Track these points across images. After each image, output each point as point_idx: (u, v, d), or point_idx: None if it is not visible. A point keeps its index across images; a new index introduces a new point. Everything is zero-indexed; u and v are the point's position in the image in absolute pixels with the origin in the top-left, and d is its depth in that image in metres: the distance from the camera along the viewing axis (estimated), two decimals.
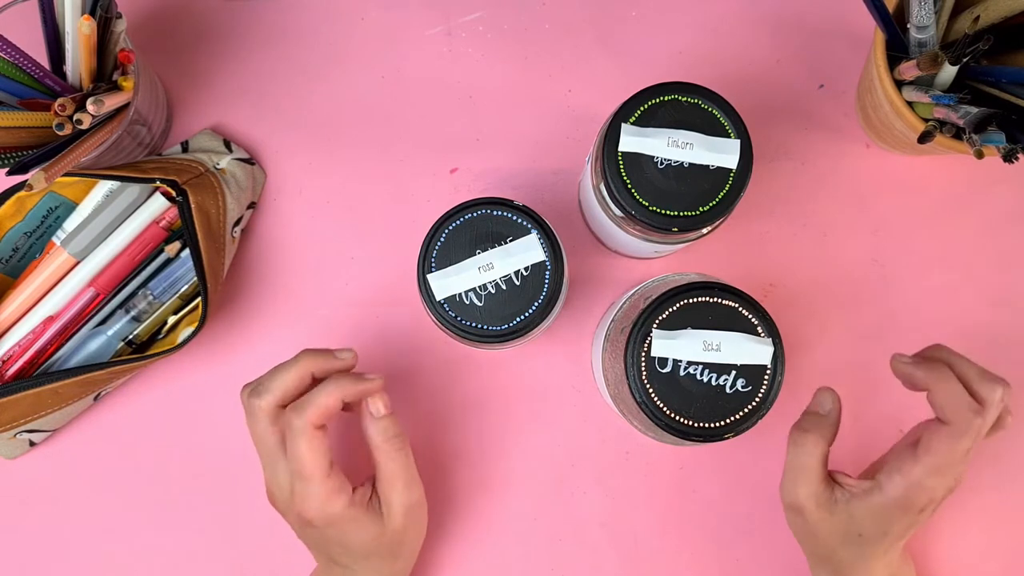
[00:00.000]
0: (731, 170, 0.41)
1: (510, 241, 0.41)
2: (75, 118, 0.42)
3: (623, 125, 0.41)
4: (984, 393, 0.41)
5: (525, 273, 0.41)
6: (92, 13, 0.43)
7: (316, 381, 0.44)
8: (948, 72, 0.42)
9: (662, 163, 0.41)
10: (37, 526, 0.52)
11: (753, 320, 0.40)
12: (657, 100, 0.41)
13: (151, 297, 0.49)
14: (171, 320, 0.50)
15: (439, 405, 0.52)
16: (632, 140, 0.40)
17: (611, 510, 0.51)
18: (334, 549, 0.44)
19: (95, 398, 0.50)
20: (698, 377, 0.40)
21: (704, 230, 0.42)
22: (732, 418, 0.40)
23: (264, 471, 0.44)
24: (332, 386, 0.41)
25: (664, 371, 0.40)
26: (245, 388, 0.44)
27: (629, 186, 0.41)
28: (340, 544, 0.43)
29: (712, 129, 0.41)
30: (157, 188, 0.49)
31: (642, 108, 0.41)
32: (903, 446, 0.45)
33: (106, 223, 0.48)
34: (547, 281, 0.41)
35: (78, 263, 0.49)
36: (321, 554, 0.46)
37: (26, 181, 0.41)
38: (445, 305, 0.41)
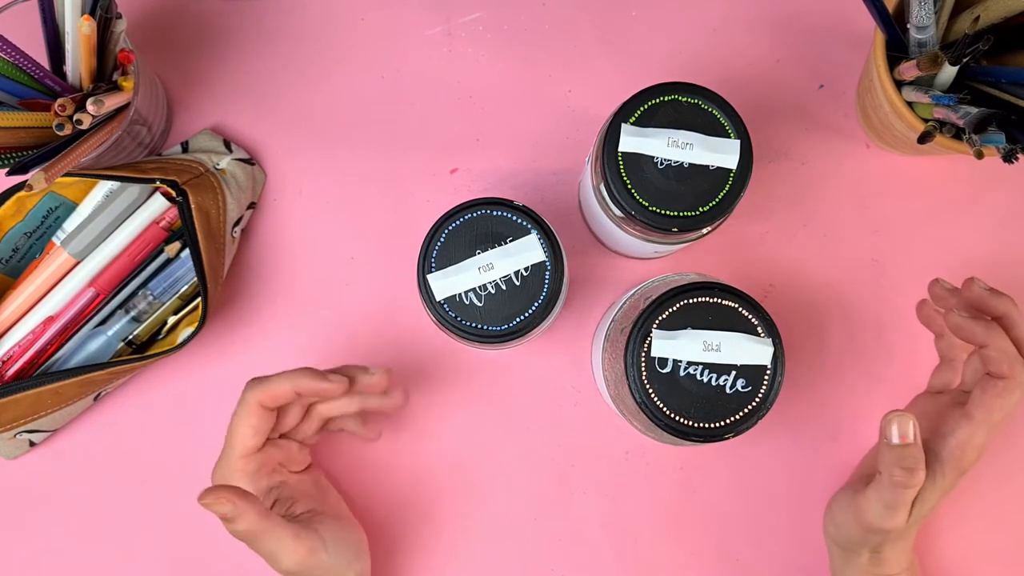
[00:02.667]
0: (731, 170, 0.41)
1: (510, 241, 0.41)
2: (75, 118, 0.42)
3: (623, 125, 0.41)
4: None
5: (525, 273, 0.41)
6: (92, 13, 0.43)
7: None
8: (948, 72, 0.42)
9: (662, 163, 0.41)
10: (37, 526, 0.52)
11: (753, 320, 0.40)
12: (657, 100, 0.41)
13: (151, 297, 0.49)
14: (171, 320, 0.50)
15: (439, 405, 0.52)
16: (632, 140, 0.40)
17: (611, 510, 0.51)
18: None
19: (95, 398, 0.50)
20: (698, 377, 0.40)
21: (704, 230, 0.42)
22: (732, 418, 0.40)
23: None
24: (289, 374, 0.43)
25: (664, 371, 0.40)
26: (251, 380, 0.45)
27: (629, 186, 0.41)
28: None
29: (712, 129, 0.41)
30: (157, 188, 0.49)
31: (642, 108, 0.41)
32: (942, 411, 0.46)
33: (106, 223, 0.48)
34: (547, 281, 0.41)
35: (78, 263, 0.49)
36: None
37: (26, 181, 0.41)
38: (445, 305, 0.41)
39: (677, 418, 0.39)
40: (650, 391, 0.40)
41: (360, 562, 0.46)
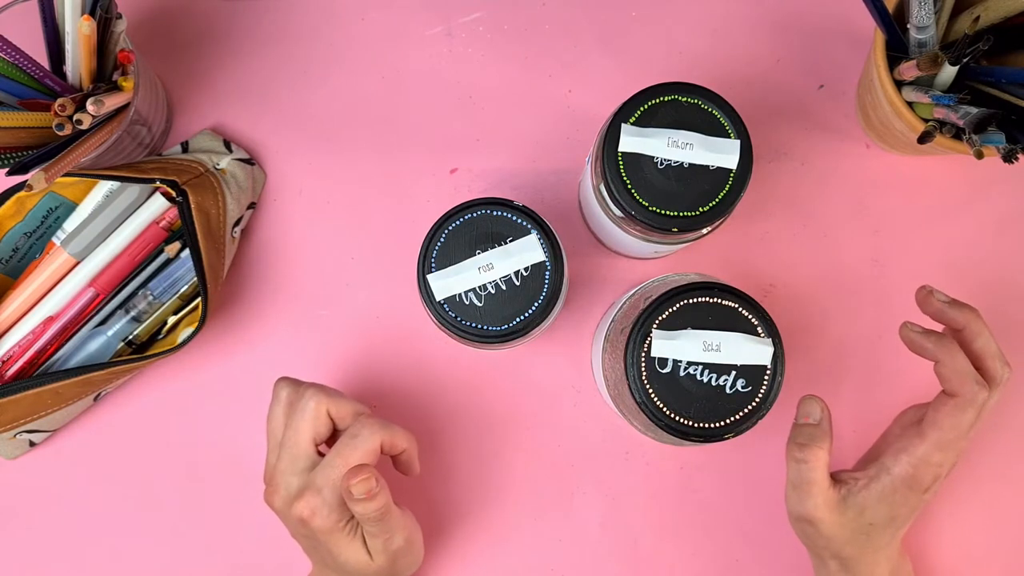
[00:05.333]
0: (731, 170, 0.41)
1: (510, 241, 0.41)
2: (75, 118, 0.42)
3: (623, 125, 0.41)
4: (996, 371, 0.42)
5: (525, 273, 0.41)
6: (92, 13, 0.43)
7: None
8: (948, 72, 0.42)
9: (662, 163, 0.41)
10: (37, 526, 0.52)
11: (753, 320, 0.40)
12: (657, 100, 0.41)
13: (151, 297, 0.49)
14: (171, 320, 0.50)
15: (439, 405, 0.52)
16: (632, 140, 0.40)
17: (611, 510, 0.51)
18: (325, 555, 0.44)
19: (95, 398, 0.50)
20: (698, 377, 0.40)
21: (704, 230, 0.42)
22: (732, 418, 0.40)
23: (268, 460, 0.44)
24: (408, 435, 0.44)
25: (664, 371, 0.40)
26: (286, 380, 0.44)
27: (629, 186, 0.41)
28: (329, 553, 0.44)
29: (712, 129, 0.41)
30: (157, 188, 0.49)
31: (642, 108, 0.41)
32: (900, 428, 0.46)
33: (106, 223, 0.48)
34: (547, 281, 0.41)
35: (78, 263, 0.49)
36: (314, 556, 0.46)
37: (26, 181, 0.41)
38: (445, 305, 0.41)
39: (677, 418, 0.39)
40: (650, 391, 0.40)
41: (423, 550, 0.48)
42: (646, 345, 0.40)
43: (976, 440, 0.51)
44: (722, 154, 0.40)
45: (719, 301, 0.40)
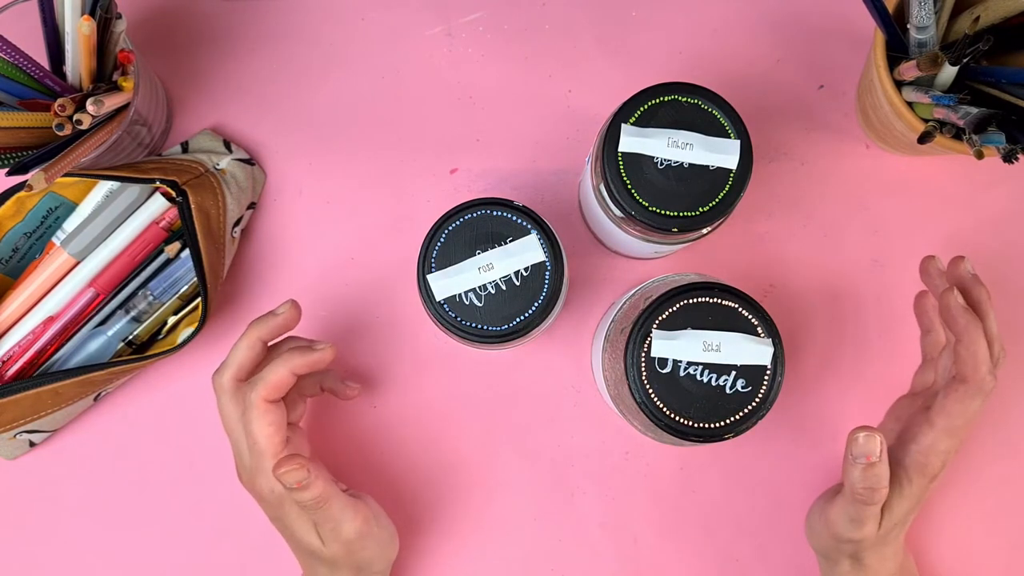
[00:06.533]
0: (731, 170, 0.41)
1: (510, 241, 0.41)
2: (75, 118, 0.42)
3: (623, 125, 0.41)
4: (995, 353, 0.43)
5: (525, 273, 0.41)
6: (92, 13, 0.43)
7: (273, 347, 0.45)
8: (948, 72, 0.42)
9: (662, 163, 0.41)
10: (37, 526, 0.52)
11: (753, 320, 0.40)
12: (657, 100, 0.41)
13: (151, 297, 0.49)
14: (171, 320, 0.50)
15: (439, 405, 0.52)
16: (632, 140, 0.40)
17: (611, 510, 0.51)
18: (287, 534, 0.44)
19: (95, 398, 0.50)
20: (698, 377, 0.40)
21: (704, 230, 0.42)
22: (732, 418, 0.40)
23: (232, 448, 0.44)
24: (280, 360, 0.42)
25: (664, 371, 0.40)
26: (219, 386, 0.44)
27: (629, 186, 0.41)
28: (289, 531, 0.44)
29: (712, 129, 0.41)
30: (157, 188, 0.49)
31: (642, 108, 0.41)
32: (895, 421, 0.47)
33: (106, 223, 0.48)
34: (547, 281, 0.41)
35: (78, 263, 0.49)
36: (285, 535, 0.46)
37: (26, 181, 0.41)
38: (445, 305, 0.41)
39: (677, 418, 0.39)
40: (650, 391, 0.40)
41: (395, 543, 0.47)
42: (646, 345, 0.40)
43: (976, 438, 0.51)
44: (722, 154, 0.40)
45: (719, 301, 0.40)
